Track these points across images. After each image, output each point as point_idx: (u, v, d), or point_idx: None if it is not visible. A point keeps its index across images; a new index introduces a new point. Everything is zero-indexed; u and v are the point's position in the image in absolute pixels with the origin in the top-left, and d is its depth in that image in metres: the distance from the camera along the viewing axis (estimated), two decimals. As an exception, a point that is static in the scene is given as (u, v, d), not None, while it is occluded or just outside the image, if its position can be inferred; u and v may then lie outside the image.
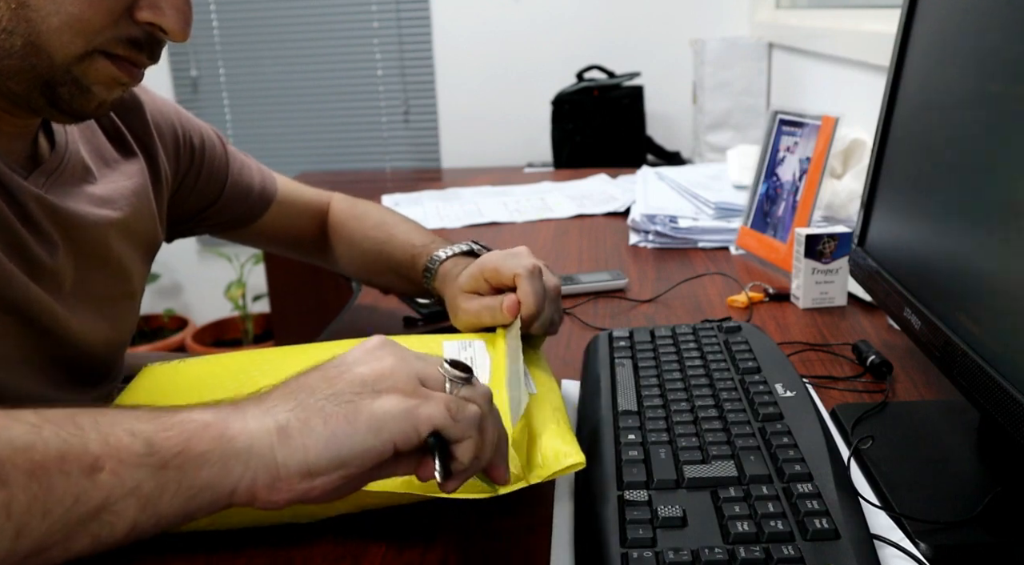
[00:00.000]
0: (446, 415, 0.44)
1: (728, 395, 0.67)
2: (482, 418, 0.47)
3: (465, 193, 1.76)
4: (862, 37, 1.46)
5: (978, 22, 0.60)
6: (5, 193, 0.63)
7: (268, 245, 1.05)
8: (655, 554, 0.48)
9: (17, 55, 0.57)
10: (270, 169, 1.01)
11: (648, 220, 1.32)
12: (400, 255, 0.93)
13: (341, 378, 0.44)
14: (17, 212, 0.64)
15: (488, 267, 0.75)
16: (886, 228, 0.77)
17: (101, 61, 0.59)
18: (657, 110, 2.70)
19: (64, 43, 0.57)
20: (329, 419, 0.42)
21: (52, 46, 0.57)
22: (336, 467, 0.42)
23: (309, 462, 0.41)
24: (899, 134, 0.76)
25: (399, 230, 0.96)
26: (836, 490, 0.54)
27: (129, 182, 0.78)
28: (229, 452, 0.40)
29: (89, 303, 0.73)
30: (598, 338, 0.82)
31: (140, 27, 0.59)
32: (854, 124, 1.27)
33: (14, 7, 0.55)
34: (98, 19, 0.57)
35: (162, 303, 3.20)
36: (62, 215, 0.68)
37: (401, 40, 2.97)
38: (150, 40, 0.61)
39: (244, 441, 0.41)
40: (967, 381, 0.56)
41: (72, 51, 0.57)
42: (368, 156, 3.10)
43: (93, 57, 0.59)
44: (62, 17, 0.56)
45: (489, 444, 0.47)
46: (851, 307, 0.99)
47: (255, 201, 0.97)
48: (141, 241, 0.80)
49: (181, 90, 3.09)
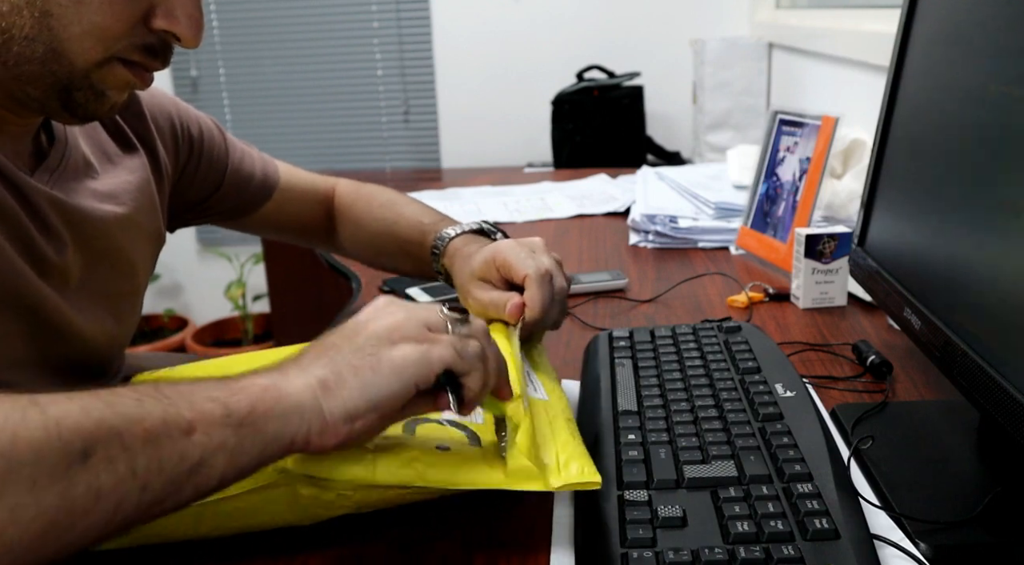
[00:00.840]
0: (454, 354, 0.51)
1: (728, 395, 0.67)
2: (483, 350, 0.53)
3: (465, 193, 1.76)
4: (862, 37, 1.46)
5: (978, 22, 0.60)
6: (14, 191, 0.64)
7: (272, 233, 1.05)
8: (655, 554, 0.48)
9: (38, 61, 0.58)
10: (272, 158, 1.01)
11: (648, 220, 1.32)
12: (409, 233, 0.93)
13: (360, 335, 0.51)
14: (27, 210, 0.64)
15: (500, 259, 0.75)
16: (886, 228, 0.77)
17: (118, 67, 0.61)
18: (657, 110, 2.70)
19: (85, 50, 0.59)
20: (358, 371, 0.48)
21: (73, 53, 0.58)
22: (371, 410, 0.48)
23: (349, 409, 0.48)
24: (899, 134, 0.76)
25: (408, 209, 0.96)
26: (836, 490, 0.54)
27: (132, 177, 0.79)
28: (288, 408, 0.47)
29: (95, 299, 0.73)
30: (598, 338, 0.82)
31: (155, 34, 0.61)
32: (854, 124, 1.27)
33: (37, 15, 0.56)
34: (118, 27, 0.59)
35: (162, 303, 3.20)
36: (70, 211, 0.68)
37: (401, 40, 2.97)
38: (163, 46, 0.63)
39: (296, 398, 0.47)
40: (967, 381, 0.56)
41: (92, 58, 0.59)
42: (368, 156, 3.10)
43: (111, 63, 0.61)
44: (84, 26, 0.58)
45: (492, 371, 0.54)
46: (851, 307, 0.99)
47: (257, 189, 0.96)
48: (145, 236, 0.80)
49: (181, 90, 3.09)
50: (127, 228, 0.76)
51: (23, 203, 0.64)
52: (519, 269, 0.73)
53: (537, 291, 0.71)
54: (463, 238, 0.86)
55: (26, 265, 0.63)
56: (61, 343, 0.69)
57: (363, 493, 0.53)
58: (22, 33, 0.57)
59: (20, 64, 0.58)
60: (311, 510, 0.54)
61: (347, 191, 1.04)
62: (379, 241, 0.99)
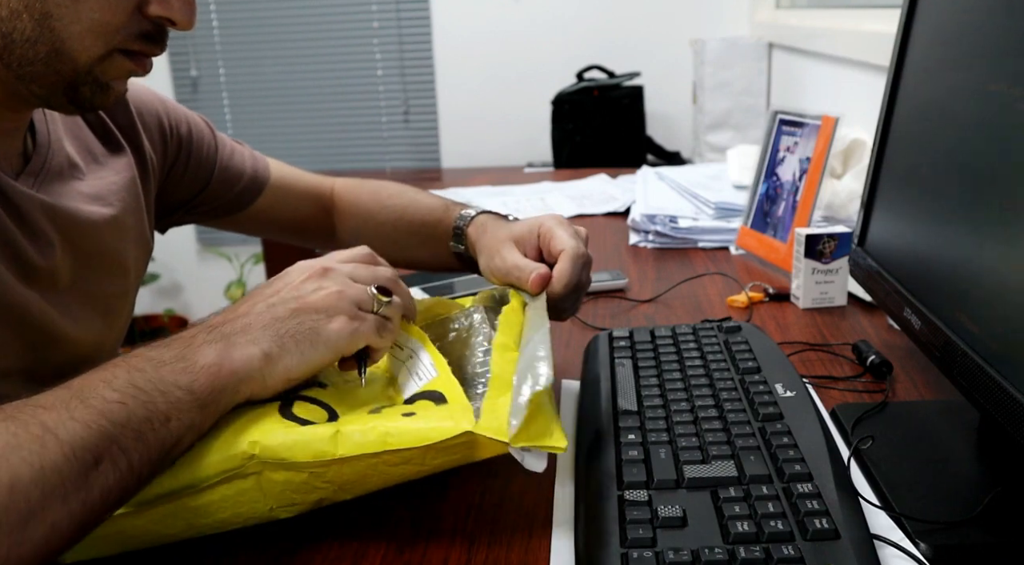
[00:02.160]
0: (375, 334, 0.60)
1: (728, 395, 0.67)
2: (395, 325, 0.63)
3: (465, 193, 1.76)
4: (862, 37, 1.46)
5: (978, 22, 0.60)
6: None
7: (268, 231, 1.04)
8: (655, 554, 0.48)
9: (41, 62, 0.59)
10: (265, 156, 1.01)
11: (648, 220, 1.32)
12: (425, 216, 0.93)
13: (302, 306, 0.58)
14: (11, 213, 0.64)
15: (546, 227, 0.75)
16: (886, 228, 0.77)
17: (119, 58, 0.62)
18: (657, 110, 2.70)
19: (86, 47, 0.59)
20: (300, 342, 0.57)
21: (75, 51, 0.59)
22: (304, 373, 0.58)
23: (287, 375, 0.57)
24: (899, 134, 0.76)
25: (420, 196, 0.97)
26: (836, 490, 0.54)
27: (118, 177, 0.78)
28: (239, 380, 0.54)
29: (84, 302, 0.72)
30: (598, 338, 0.82)
31: (150, 21, 0.62)
32: (854, 124, 1.27)
33: (37, 17, 0.57)
34: (116, 20, 0.60)
35: (162, 303, 3.20)
36: (57, 213, 0.68)
37: (401, 40, 2.97)
38: (159, 32, 0.63)
39: (245, 371, 0.55)
40: (967, 381, 0.56)
41: (94, 53, 0.60)
42: (368, 156, 3.10)
43: (112, 56, 0.61)
44: (84, 23, 0.58)
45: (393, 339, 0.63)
46: (851, 307, 0.99)
47: (247, 186, 0.96)
48: (134, 237, 0.80)
49: (181, 90, 3.09)
50: (116, 229, 0.75)
51: (7, 206, 0.64)
52: (560, 241, 0.73)
53: (569, 268, 0.71)
54: (489, 216, 0.87)
55: (9, 271, 0.63)
56: (50, 349, 0.68)
57: (335, 470, 0.53)
58: (23, 36, 0.57)
59: (24, 66, 0.59)
60: (287, 496, 0.54)
61: (349, 187, 1.03)
62: (387, 230, 0.98)
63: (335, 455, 0.52)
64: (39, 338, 0.67)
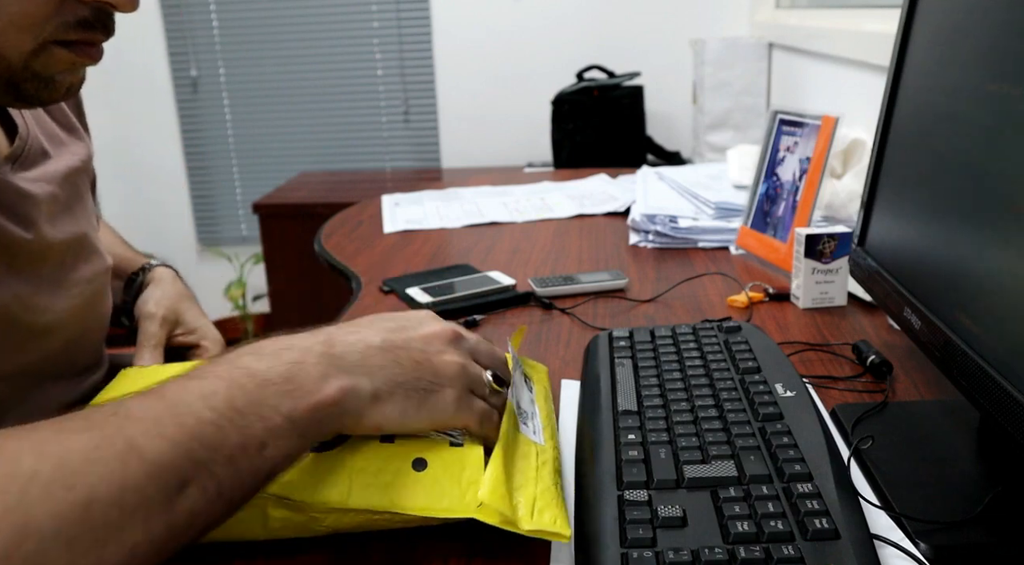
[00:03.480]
0: (476, 423, 0.57)
1: (728, 395, 0.67)
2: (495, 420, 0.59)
3: (465, 193, 1.76)
4: (862, 37, 1.46)
5: (978, 22, 0.60)
6: None
7: None
8: (655, 554, 0.48)
9: None
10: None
11: (648, 220, 1.32)
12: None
13: (424, 364, 0.56)
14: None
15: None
16: (886, 228, 0.77)
17: (57, 50, 0.59)
18: (657, 110, 2.70)
19: (13, 43, 0.57)
20: (408, 398, 0.54)
21: (3, 48, 0.57)
22: (395, 429, 0.55)
23: (382, 424, 0.54)
24: (899, 134, 0.76)
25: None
26: (836, 490, 0.54)
27: (75, 160, 0.79)
28: (340, 412, 0.52)
29: (68, 287, 0.73)
30: (598, 338, 0.82)
31: (86, 6, 0.58)
32: (854, 124, 1.27)
33: None
34: (40, 11, 0.56)
35: (162, 303, 3.20)
36: (33, 200, 0.69)
37: (401, 40, 2.97)
38: (99, 16, 0.60)
39: (346, 406, 0.52)
40: (967, 381, 0.56)
41: (24, 48, 0.57)
42: (368, 156, 3.10)
43: (47, 49, 0.58)
44: (4, 19, 0.55)
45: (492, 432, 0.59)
46: (851, 307, 0.99)
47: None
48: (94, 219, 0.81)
49: (181, 90, 3.09)
50: (88, 212, 0.77)
51: None
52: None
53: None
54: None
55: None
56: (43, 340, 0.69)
57: (335, 517, 0.53)
58: None
59: None
60: (281, 533, 0.55)
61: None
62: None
63: (345, 505, 0.52)
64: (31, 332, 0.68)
